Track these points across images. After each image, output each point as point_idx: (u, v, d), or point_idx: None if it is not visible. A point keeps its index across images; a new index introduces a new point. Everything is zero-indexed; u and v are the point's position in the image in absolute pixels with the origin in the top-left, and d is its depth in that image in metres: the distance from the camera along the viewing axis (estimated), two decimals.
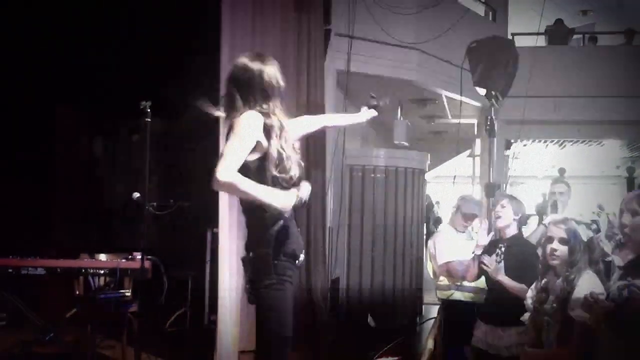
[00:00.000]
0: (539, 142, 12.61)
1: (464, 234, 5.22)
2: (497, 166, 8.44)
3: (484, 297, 4.53)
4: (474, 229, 5.32)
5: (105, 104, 7.36)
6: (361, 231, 7.27)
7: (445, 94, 8.59)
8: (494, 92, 5.08)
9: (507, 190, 12.66)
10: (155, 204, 4.71)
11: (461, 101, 7.40)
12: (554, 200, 5.30)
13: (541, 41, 11.48)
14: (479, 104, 8.84)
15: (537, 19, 8.84)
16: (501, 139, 9.80)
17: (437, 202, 16.10)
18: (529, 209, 4.68)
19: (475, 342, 4.32)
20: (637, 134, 11.49)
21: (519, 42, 8.67)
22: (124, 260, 5.04)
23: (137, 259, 4.48)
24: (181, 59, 6.50)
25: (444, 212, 14.19)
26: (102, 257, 5.36)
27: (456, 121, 9.92)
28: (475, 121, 10.49)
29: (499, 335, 4.09)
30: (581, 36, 12.45)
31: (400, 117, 8.45)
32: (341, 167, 7.24)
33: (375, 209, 7.28)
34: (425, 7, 7.72)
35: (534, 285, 3.54)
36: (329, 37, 6.81)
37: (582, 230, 3.33)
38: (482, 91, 5.20)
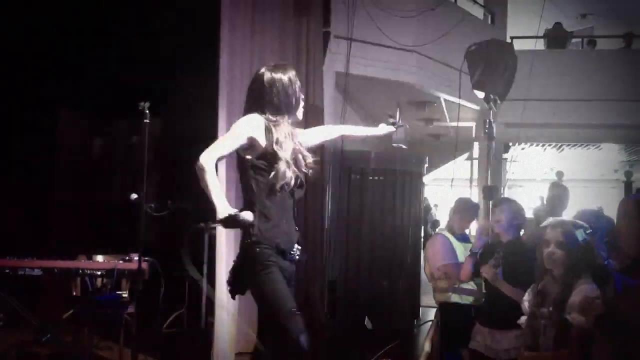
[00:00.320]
0: (537, 145, 12.61)
1: (462, 237, 5.22)
2: (495, 169, 8.47)
3: (482, 300, 4.52)
4: (471, 231, 5.32)
5: (104, 105, 7.36)
6: (359, 233, 7.27)
7: (444, 96, 8.59)
8: (492, 95, 5.08)
9: (505, 193, 12.68)
10: (153, 205, 4.71)
11: (460, 104, 7.42)
12: (552, 203, 5.31)
13: (540, 44, 11.48)
14: (477, 107, 8.85)
15: (536, 22, 8.86)
16: (499, 142, 9.82)
17: (436, 205, 16.11)
18: (527, 212, 4.68)
19: (473, 346, 4.31)
20: (635, 137, 11.48)
21: (518, 45, 8.67)
22: (122, 261, 5.05)
23: (135, 260, 4.48)
24: (180, 61, 6.50)
25: (441, 215, 14.19)
26: (100, 258, 5.37)
27: (455, 124, 9.91)
28: (473, 124, 10.49)
29: (497, 338, 4.09)
30: (580, 40, 12.45)
31: (398, 119, 8.43)
32: (339, 169, 7.24)
33: (373, 211, 7.28)
34: (424, 10, 7.71)
35: (530, 288, 3.54)
36: (328, 40, 6.82)
37: (580, 233, 3.33)
38: (480, 94, 5.20)
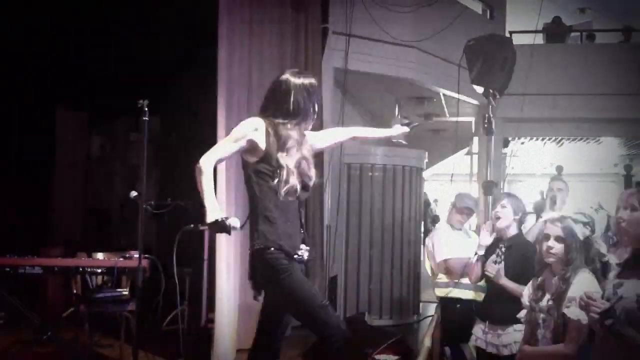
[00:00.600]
0: (537, 139, 12.62)
1: (461, 231, 5.22)
2: (494, 164, 8.46)
3: (482, 295, 4.51)
4: (471, 226, 5.32)
5: (103, 103, 7.36)
6: (359, 229, 7.27)
7: (443, 92, 8.58)
8: (491, 90, 5.07)
9: (505, 188, 12.67)
10: (153, 203, 4.71)
11: (459, 99, 7.42)
12: (552, 197, 5.30)
13: (539, 39, 11.48)
14: (476, 102, 8.85)
15: (535, 16, 8.85)
16: (499, 137, 9.82)
17: (435, 200, 16.09)
18: (527, 207, 4.67)
19: (473, 341, 4.31)
20: (634, 131, 11.49)
21: (517, 40, 8.69)
22: (122, 259, 5.05)
23: (135, 258, 4.48)
24: (179, 57, 6.50)
25: (441, 210, 14.18)
26: (100, 256, 5.36)
27: (454, 119, 9.93)
28: (473, 119, 10.49)
29: (498, 333, 4.08)
30: (579, 34, 12.44)
31: (397, 115, 8.44)
32: (339, 165, 7.24)
33: (372, 207, 7.28)
34: (422, 5, 7.71)
35: (530, 282, 3.55)
36: (327, 35, 6.82)
37: (579, 228, 3.33)
38: (479, 89, 5.19)
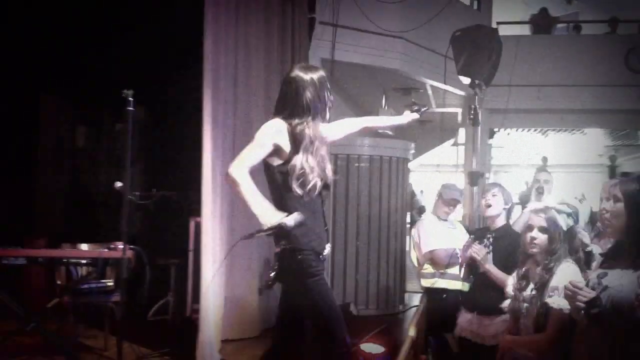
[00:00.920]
0: (523, 130, 12.67)
1: (447, 222, 5.24)
2: (480, 155, 8.50)
3: (468, 285, 4.53)
4: (456, 217, 5.33)
5: (88, 93, 7.29)
6: (345, 219, 7.27)
7: (429, 82, 8.58)
8: (477, 81, 5.10)
9: (491, 178, 12.72)
10: (138, 193, 4.68)
11: (445, 90, 7.43)
12: (537, 188, 5.34)
13: (525, 30, 11.51)
14: (463, 93, 8.86)
15: (522, 7, 8.87)
16: (485, 128, 9.85)
17: (421, 191, 16.16)
18: (512, 197, 4.70)
19: (459, 331, 4.33)
20: (619, 122, 11.57)
21: (504, 31, 8.69)
22: (106, 249, 5.02)
23: (120, 249, 4.45)
24: (165, 47, 6.45)
25: (427, 200, 14.23)
26: (84, 246, 5.32)
27: (440, 110, 9.95)
28: (459, 110, 10.51)
29: (484, 323, 4.10)
30: (565, 25, 12.49)
31: (384, 105, 8.45)
32: None
33: (359, 198, 7.28)
34: None
35: (515, 272, 3.57)
36: (313, 26, 6.79)
37: (562, 219, 3.36)
38: (466, 80, 5.21)
